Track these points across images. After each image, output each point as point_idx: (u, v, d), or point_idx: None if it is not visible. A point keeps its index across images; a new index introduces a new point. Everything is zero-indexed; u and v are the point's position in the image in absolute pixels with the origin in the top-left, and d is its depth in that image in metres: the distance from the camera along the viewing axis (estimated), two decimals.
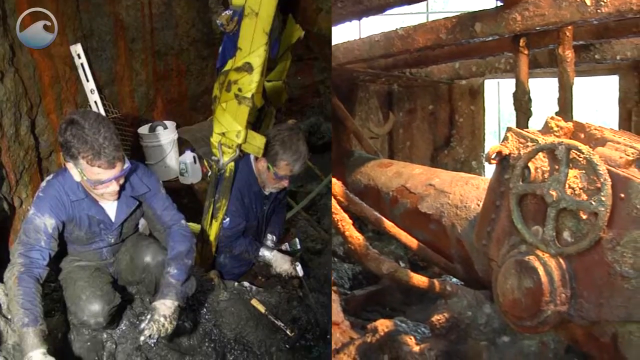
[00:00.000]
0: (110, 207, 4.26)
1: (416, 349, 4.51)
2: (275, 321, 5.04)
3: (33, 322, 3.55)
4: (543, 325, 3.90)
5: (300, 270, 5.59)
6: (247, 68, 4.87)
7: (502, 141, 4.34)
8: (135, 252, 4.52)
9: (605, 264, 3.59)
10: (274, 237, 6.08)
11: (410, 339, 4.62)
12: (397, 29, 6.82)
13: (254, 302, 5.11)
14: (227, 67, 5.09)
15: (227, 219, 5.47)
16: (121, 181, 4.05)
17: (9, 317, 3.86)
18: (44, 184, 4.07)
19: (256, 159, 5.46)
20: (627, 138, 3.92)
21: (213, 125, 5.20)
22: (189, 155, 8.45)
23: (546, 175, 3.92)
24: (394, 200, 6.45)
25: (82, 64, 7.00)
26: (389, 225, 5.19)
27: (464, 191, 5.38)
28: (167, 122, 8.68)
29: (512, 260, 4.02)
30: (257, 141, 5.18)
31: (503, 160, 4.30)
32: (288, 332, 5.02)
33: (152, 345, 4.38)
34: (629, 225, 3.48)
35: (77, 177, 3.91)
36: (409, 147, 11.08)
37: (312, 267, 6.21)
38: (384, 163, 7.54)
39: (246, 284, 5.44)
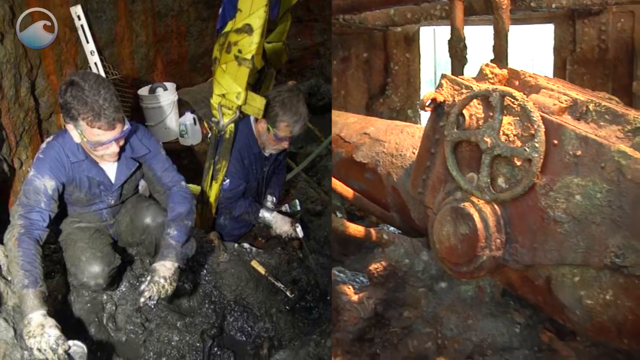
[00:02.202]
0: (110, 169, 4.26)
1: (355, 298, 4.56)
2: (275, 282, 5.06)
3: (33, 284, 3.56)
4: (479, 271, 3.99)
5: (300, 232, 5.61)
6: (247, 29, 4.84)
7: (437, 88, 4.35)
8: (135, 213, 4.53)
9: (539, 209, 3.68)
10: (274, 199, 6.09)
11: (349, 288, 4.67)
12: None
13: (254, 263, 5.12)
14: (227, 29, 5.07)
15: (227, 181, 5.47)
16: (121, 143, 4.04)
17: (9, 278, 3.87)
18: (43, 145, 4.06)
19: (256, 120, 5.45)
20: (561, 86, 3.99)
21: (213, 86, 5.18)
22: (189, 117, 8.42)
23: (480, 122, 3.95)
24: None
25: (82, 26, 6.95)
26: None
27: (400, 139, 5.32)
28: (167, 84, 8.63)
29: (448, 207, 4.07)
30: (257, 102, 5.16)
31: (438, 108, 4.31)
32: (288, 293, 5.04)
33: (152, 306, 4.42)
34: (562, 171, 3.57)
35: (77, 139, 3.90)
36: (344, 96, 10.80)
37: (312, 228, 6.23)
38: None
39: (246, 245, 5.46)
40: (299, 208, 6.05)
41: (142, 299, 3.87)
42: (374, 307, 4.55)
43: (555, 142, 3.58)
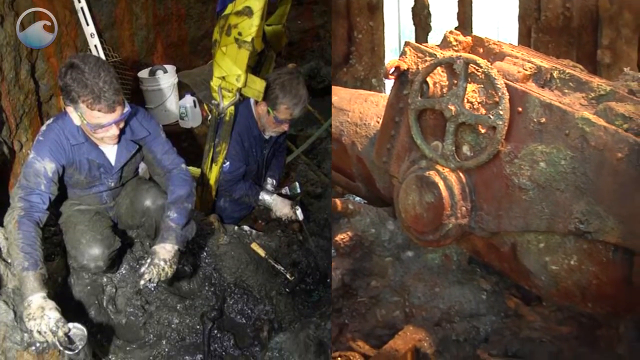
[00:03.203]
0: (110, 151, 4.25)
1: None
2: (275, 265, 5.07)
3: (33, 266, 3.57)
4: (445, 239, 4.04)
5: (300, 214, 5.61)
6: (247, 12, 4.83)
7: (400, 56, 4.33)
8: (135, 196, 4.53)
9: (503, 177, 3.73)
10: (274, 181, 6.09)
11: None
12: None
13: (254, 246, 5.13)
14: (227, 11, 5.05)
15: (227, 163, 5.47)
16: (121, 125, 4.03)
17: (9, 261, 3.87)
18: (44, 127, 4.06)
19: (256, 102, 5.45)
20: (526, 53, 4.02)
21: (213, 69, 5.18)
22: (189, 99, 8.42)
23: (445, 90, 3.96)
24: None
25: (82, 8, 6.92)
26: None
27: (363, 109, 5.27)
28: (167, 66, 8.63)
29: (413, 176, 4.09)
30: (257, 85, 5.16)
31: (401, 76, 4.29)
32: (288, 276, 5.05)
33: (152, 289, 4.44)
34: (526, 139, 3.61)
35: (77, 121, 3.90)
36: None
37: (312, 210, 6.23)
38: None
39: (246, 227, 5.46)
40: (299, 190, 6.05)
41: (142, 282, 3.88)
42: (341, 277, 4.59)
43: (520, 109, 3.62)
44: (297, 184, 6.11)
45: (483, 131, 3.76)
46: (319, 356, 4.27)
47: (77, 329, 3.54)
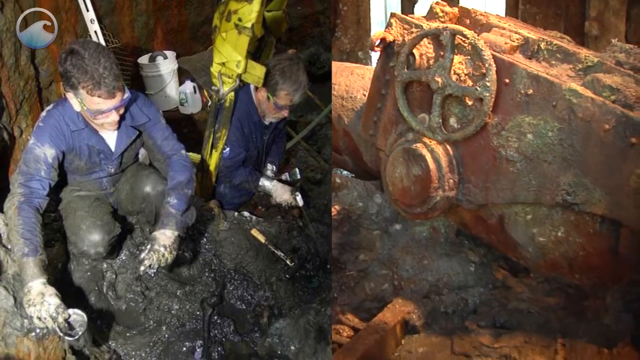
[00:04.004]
0: (110, 137, 4.25)
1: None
2: (275, 251, 5.08)
3: (33, 252, 3.57)
4: (433, 211, 4.08)
5: (300, 200, 5.62)
6: None
7: (386, 28, 4.32)
8: (135, 181, 4.53)
9: (491, 149, 3.76)
10: (274, 167, 6.09)
11: None
12: None
13: (254, 232, 5.13)
14: None
15: (227, 149, 5.47)
16: (121, 111, 4.03)
17: (9, 247, 3.87)
18: (44, 113, 4.05)
19: (256, 88, 5.44)
20: (513, 24, 4.04)
21: (213, 55, 5.17)
22: (189, 85, 8.40)
23: (431, 62, 3.97)
24: None
25: None
26: None
27: (349, 81, 5.27)
28: (167, 52, 8.60)
29: (400, 148, 4.11)
30: (257, 71, 5.16)
31: (387, 48, 4.30)
32: (288, 262, 5.05)
33: (152, 275, 4.43)
34: (514, 110, 3.63)
35: (77, 107, 3.89)
36: None
37: (312, 196, 6.25)
38: None
39: (246, 213, 5.46)
40: (298, 176, 6.05)
41: (142, 268, 3.87)
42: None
43: (507, 81, 3.63)
44: (297, 170, 6.11)
45: (470, 103, 3.78)
46: (319, 342, 4.28)
47: (77, 315, 3.55)
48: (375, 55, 5.51)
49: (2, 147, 5.33)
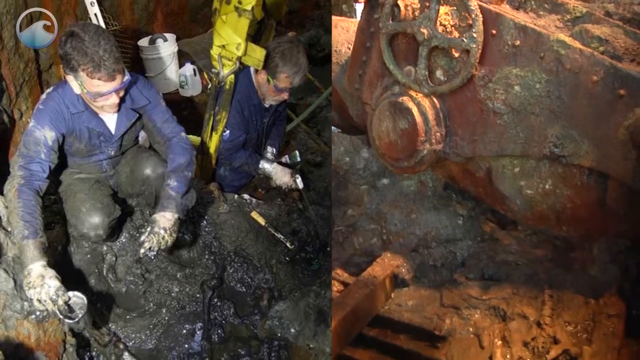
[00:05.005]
0: (110, 120, 4.25)
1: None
2: (275, 234, 5.08)
3: (33, 235, 3.58)
4: (420, 165, 4.05)
5: (300, 183, 5.63)
6: None
7: None
8: (135, 164, 4.52)
9: (478, 101, 3.73)
10: (274, 150, 6.09)
11: None
12: None
13: (254, 214, 5.14)
14: None
15: (227, 132, 5.48)
16: (121, 94, 4.03)
17: (9, 229, 3.87)
18: (44, 96, 4.05)
19: (256, 71, 5.44)
20: None
21: (213, 37, 5.17)
22: (189, 68, 8.40)
23: (416, 13, 3.89)
24: None
25: None
26: None
27: (334, 35, 5.21)
28: (167, 35, 8.60)
29: (386, 102, 4.07)
30: (257, 54, 5.15)
31: None
32: (288, 244, 5.06)
33: (152, 257, 4.44)
34: (501, 62, 3.59)
35: (77, 90, 3.89)
36: None
37: (312, 179, 6.24)
38: None
39: (246, 196, 5.47)
40: (298, 159, 6.05)
41: (142, 250, 3.89)
42: None
43: (494, 32, 3.58)
44: (297, 152, 6.11)
45: (456, 55, 3.74)
46: (319, 324, 4.28)
47: (77, 298, 3.55)
48: (359, 7, 5.44)
49: (2, 130, 5.33)
